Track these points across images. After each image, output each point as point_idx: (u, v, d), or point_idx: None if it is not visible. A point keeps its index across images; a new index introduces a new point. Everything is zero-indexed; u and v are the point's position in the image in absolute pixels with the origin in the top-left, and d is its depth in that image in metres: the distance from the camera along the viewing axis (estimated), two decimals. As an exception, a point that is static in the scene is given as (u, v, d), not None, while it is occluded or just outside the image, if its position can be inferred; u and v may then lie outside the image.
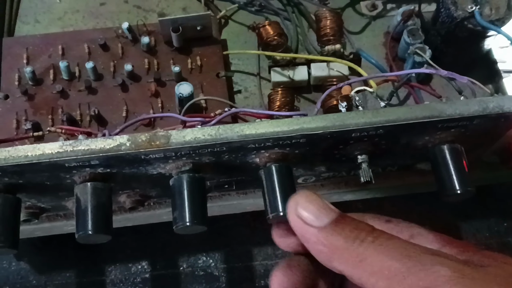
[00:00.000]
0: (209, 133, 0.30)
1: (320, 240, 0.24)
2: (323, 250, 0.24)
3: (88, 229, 0.30)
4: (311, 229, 0.24)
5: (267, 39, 0.45)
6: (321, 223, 0.24)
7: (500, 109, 0.31)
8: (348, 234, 0.23)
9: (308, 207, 0.24)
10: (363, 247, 0.23)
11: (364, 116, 0.30)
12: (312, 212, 0.24)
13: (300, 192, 0.25)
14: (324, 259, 0.24)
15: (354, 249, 0.23)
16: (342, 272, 0.23)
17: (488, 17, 0.40)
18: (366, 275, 0.22)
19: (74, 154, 0.30)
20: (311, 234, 0.24)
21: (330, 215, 0.24)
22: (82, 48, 0.45)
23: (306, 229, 0.24)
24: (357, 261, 0.22)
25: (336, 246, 0.23)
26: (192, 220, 0.31)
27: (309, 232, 0.24)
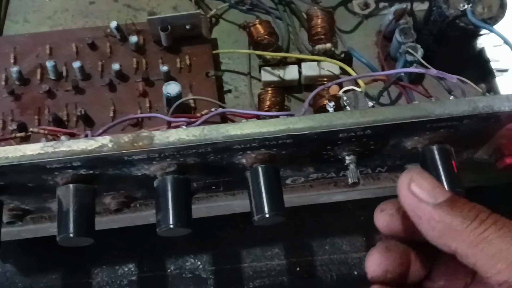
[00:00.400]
0: (194, 133, 0.30)
1: (434, 218, 0.23)
2: (436, 227, 0.23)
3: (69, 231, 0.30)
4: (424, 206, 0.24)
5: (257, 38, 0.45)
6: (435, 200, 0.24)
7: (490, 109, 0.30)
8: (466, 214, 0.23)
9: (422, 184, 0.24)
10: (483, 227, 0.22)
11: (352, 116, 0.30)
12: (426, 189, 0.24)
13: (413, 168, 0.25)
14: (435, 237, 0.24)
15: (474, 229, 0.22)
16: (455, 250, 0.23)
17: (481, 16, 0.40)
18: (484, 256, 0.22)
19: (55, 155, 0.29)
20: (424, 211, 0.24)
21: (444, 194, 0.24)
22: (70, 47, 0.44)
23: (419, 205, 0.24)
24: (477, 241, 0.22)
25: (453, 224, 0.23)
26: (176, 223, 0.30)
27: (421, 209, 0.24)
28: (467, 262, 0.23)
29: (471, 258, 0.23)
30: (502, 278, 0.22)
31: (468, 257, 0.23)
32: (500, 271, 0.22)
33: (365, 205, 0.44)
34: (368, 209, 0.45)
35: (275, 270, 0.42)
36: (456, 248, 0.23)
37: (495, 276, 0.22)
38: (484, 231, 0.22)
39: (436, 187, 0.24)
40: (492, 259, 0.22)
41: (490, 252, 0.22)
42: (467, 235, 0.23)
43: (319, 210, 0.30)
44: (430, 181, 0.24)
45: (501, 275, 0.22)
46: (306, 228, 0.43)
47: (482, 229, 0.22)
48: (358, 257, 0.43)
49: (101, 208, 0.38)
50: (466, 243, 0.23)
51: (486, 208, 0.24)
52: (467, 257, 0.23)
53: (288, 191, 0.40)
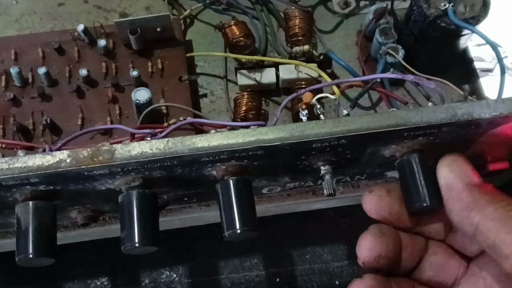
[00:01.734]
0: (158, 146, 0.28)
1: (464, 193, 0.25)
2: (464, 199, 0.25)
3: (29, 252, 0.28)
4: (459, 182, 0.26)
5: (233, 40, 0.43)
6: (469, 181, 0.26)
7: (469, 116, 0.29)
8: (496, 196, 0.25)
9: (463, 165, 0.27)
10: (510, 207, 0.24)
11: (325, 126, 0.28)
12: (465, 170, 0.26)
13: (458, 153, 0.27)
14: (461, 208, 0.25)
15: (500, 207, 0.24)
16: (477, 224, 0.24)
17: (462, 15, 0.38)
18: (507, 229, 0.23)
19: (10, 172, 0.27)
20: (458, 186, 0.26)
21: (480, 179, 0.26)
22: (36, 52, 0.42)
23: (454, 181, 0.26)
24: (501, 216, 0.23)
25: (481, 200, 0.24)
26: (141, 241, 0.28)
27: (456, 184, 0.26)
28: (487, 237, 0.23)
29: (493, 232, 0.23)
30: None
31: (490, 231, 0.23)
32: None
33: (347, 212, 0.43)
34: (349, 216, 0.44)
35: (254, 281, 0.41)
36: (479, 221, 0.24)
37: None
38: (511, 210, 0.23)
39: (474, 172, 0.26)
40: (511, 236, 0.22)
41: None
42: (492, 210, 0.24)
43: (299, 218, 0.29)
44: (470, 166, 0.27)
45: None
46: (286, 237, 0.41)
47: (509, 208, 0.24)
48: (339, 266, 0.41)
49: (69, 222, 0.37)
50: (490, 217, 0.24)
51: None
52: (489, 231, 0.23)
53: (265, 200, 0.38)
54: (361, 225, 0.43)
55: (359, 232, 0.45)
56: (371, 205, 0.28)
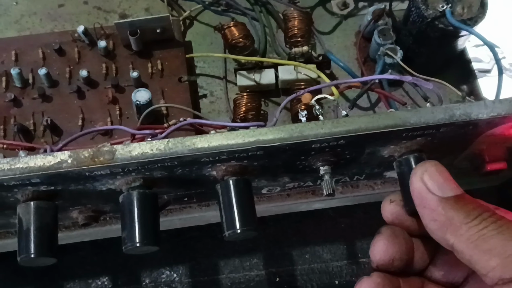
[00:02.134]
0: (158, 147, 0.28)
1: (438, 210, 0.24)
2: (439, 219, 0.24)
3: (30, 252, 0.29)
4: (431, 197, 0.24)
5: (232, 41, 0.43)
6: (443, 194, 0.24)
7: (467, 117, 0.29)
8: (469, 211, 0.24)
9: (435, 176, 0.25)
10: (483, 225, 0.23)
11: (324, 126, 0.29)
12: (437, 181, 0.25)
13: (430, 161, 0.26)
14: (436, 229, 0.24)
15: (474, 226, 0.23)
16: (453, 245, 0.23)
17: (460, 16, 0.38)
18: (479, 252, 0.22)
19: (11, 172, 0.27)
20: (430, 202, 0.24)
21: (454, 190, 0.25)
22: (36, 53, 0.42)
23: (427, 195, 0.25)
24: (474, 237, 0.23)
25: (455, 219, 0.23)
26: (142, 241, 0.29)
27: (429, 199, 0.24)
28: (462, 258, 0.23)
29: (466, 254, 0.23)
30: (495, 275, 0.22)
31: (464, 253, 0.23)
32: (494, 268, 0.22)
33: (346, 212, 0.43)
34: (349, 216, 0.44)
35: (254, 281, 0.41)
36: (453, 243, 0.23)
37: (490, 273, 0.22)
38: (483, 228, 0.23)
39: (447, 182, 0.25)
40: (485, 255, 0.22)
41: (485, 248, 0.22)
42: (465, 231, 0.23)
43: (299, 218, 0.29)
44: (443, 175, 0.25)
45: (494, 272, 0.22)
46: (286, 237, 0.42)
47: (481, 226, 0.23)
48: (339, 266, 0.42)
49: (69, 222, 0.37)
50: (463, 239, 0.23)
51: (491, 208, 0.24)
52: (463, 252, 0.23)
53: (264, 200, 0.38)
54: (360, 225, 0.44)
55: (359, 232, 0.45)
56: (392, 215, 0.28)
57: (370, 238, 0.43)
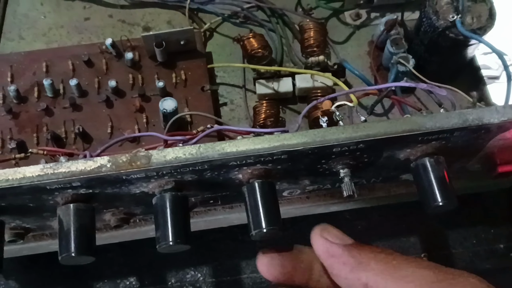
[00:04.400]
0: (190, 152, 0.30)
1: (345, 254, 0.26)
2: (347, 262, 0.26)
3: (71, 251, 0.30)
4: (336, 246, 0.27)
5: (251, 52, 0.45)
6: (344, 242, 0.27)
7: (479, 121, 0.31)
8: (374, 249, 0.26)
9: (332, 231, 0.28)
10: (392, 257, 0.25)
11: (345, 131, 0.31)
12: (336, 234, 0.28)
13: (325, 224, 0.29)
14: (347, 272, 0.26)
15: (382, 258, 0.25)
16: (366, 281, 0.25)
17: (470, 26, 0.40)
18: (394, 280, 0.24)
19: (55, 176, 0.29)
20: (336, 250, 0.26)
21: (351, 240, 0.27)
22: (66, 64, 0.45)
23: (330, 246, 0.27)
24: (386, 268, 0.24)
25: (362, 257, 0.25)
26: (175, 240, 0.31)
27: (333, 249, 0.27)
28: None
29: (381, 284, 0.24)
30: None
31: (378, 284, 0.24)
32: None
33: (362, 214, 0.45)
34: (365, 218, 0.46)
35: (274, 280, 0.43)
36: (367, 278, 0.25)
37: None
38: (393, 259, 0.25)
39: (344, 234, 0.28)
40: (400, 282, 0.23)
41: (398, 276, 0.24)
42: (375, 264, 0.25)
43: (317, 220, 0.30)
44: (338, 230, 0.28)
45: None
46: (304, 238, 0.43)
47: (390, 258, 0.25)
48: (355, 266, 0.43)
49: (101, 224, 0.39)
50: (376, 271, 0.25)
51: None
52: (377, 285, 0.24)
53: (285, 203, 0.40)
54: (376, 227, 0.45)
55: (374, 234, 0.47)
56: (263, 267, 0.29)
57: (386, 240, 0.45)
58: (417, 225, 0.45)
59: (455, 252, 0.45)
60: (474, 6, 0.41)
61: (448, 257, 0.44)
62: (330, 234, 0.28)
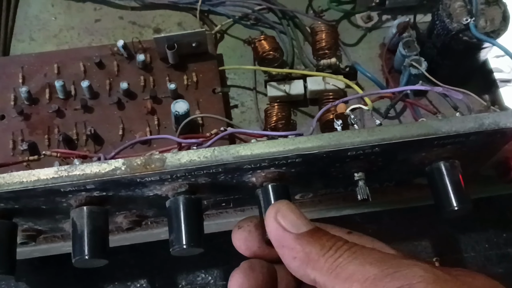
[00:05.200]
0: (205, 155, 0.30)
1: (296, 247, 0.24)
2: (297, 256, 0.24)
3: (84, 254, 0.30)
4: (288, 235, 0.25)
5: (262, 54, 0.45)
6: (298, 230, 0.25)
7: (496, 125, 0.31)
8: (324, 243, 0.24)
9: (288, 215, 0.26)
10: (338, 254, 0.24)
11: (360, 135, 0.30)
12: (291, 219, 0.25)
13: (281, 201, 0.27)
14: (297, 266, 0.25)
15: (330, 256, 0.24)
16: (315, 279, 0.24)
17: (483, 29, 0.40)
18: (340, 281, 0.23)
19: (69, 179, 0.29)
20: (287, 240, 0.25)
21: (307, 225, 0.25)
22: (77, 66, 0.45)
23: (283, 234, 0.25)
24: (332, 267, 0.23)
25: (312, 253, 0.24)
26: (189, 243, 0.30)
27: (285, 238, 0.25)
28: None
29: (328, 285, 0.23)
30: None
31: (326, 285, 0.23)
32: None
33: (373, 218, 0.45)
34: (375, 222, 0.45)
35: (284, 283, 0.43)
36: (316, 277, 0.24)
37: None
38: (339, 257, 0.23)
39: (300, 219, 0.26)
40: (346, 282, 0.23)
41: (344, 276, 0.23)
42: (323, 263, 0.24)
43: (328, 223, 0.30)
44: (295, 212, 0.26)
45: None
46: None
47: (337, 255, 0.24)
48: (366, 269, 0.43)
49: (113, 227, 0.39)
50: (323, 271, 0.24)
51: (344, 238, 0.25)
52: (325, 285, 0.23)
53: (297, 206, 0.40)
54: (387, 231, 0.45)
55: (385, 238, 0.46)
56: (241, 241, 0.28)
57: (397, 244, 0.44)
58: (429, 229, 0.45)
59: (467, 256, 0.44)
60: (487, 9, 0.41)
61: (460, 261, 0.44)
62: (285, 219, 0.25)
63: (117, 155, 0.32)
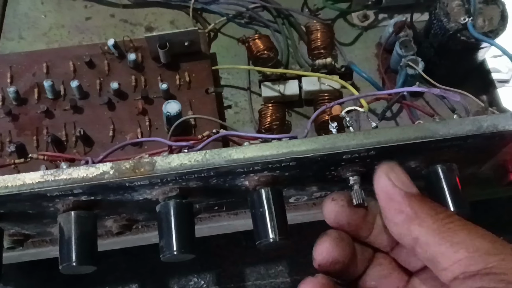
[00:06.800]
0: (196, 158, 0.29)
1: (405, 202, 0.24)
2: (404, 211, 0.24)
3: (72, 260, 0.29)
4: (398, 191, 0.25)
5: (257, 53, 0.44)
6: (408, 189, 0.25)
7: (494, 128, 0.30)
8: (435, 207, 0.24)
9: (400, 174, 0.26)
10: (449, 220, 0.23)
11: (355, 138, 0.30)
12: (402, 179, 0.26)
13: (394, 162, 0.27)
14: (401, 221, 0.24)
15: (441, 219, 0.23)
16: (417, 237, 0.24)
17: (482, 29, 0.39)
18: (447, 243, 0.23)
19: (55, 183, 0.29)
20: (397, 195, 0.25)
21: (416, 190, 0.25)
22: (67, 65, 0.44)
23: (393, 190, 0.25)
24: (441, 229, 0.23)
25: (421, 211, 0.24)
26: (179, 249, 0.30)
27: (395, 193, 0.25)
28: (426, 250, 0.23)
29: (432, 245, 0.23)
30: (459, 268, 0.22)
31: (429, 244, 0.23)
32: (460, 260, 0.22)
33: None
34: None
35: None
36: (419, 235, 0.24)
37: (452, 266, 0.22)
38: (449, 222, 0.23)
39: (411, 182, 0.26)
40: (454, 246, 0.22)
41: (453, 240, 0.22)
42: (432, 222, 0.23)
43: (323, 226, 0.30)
44: (407, 175, 0.26)
45: (459, 265, 0.22)
46: (310, 245, 0.42)
47: (447, 220, 0.23)
48: (362, 273, 0.42)
49: (103, 231, 0.38)
50: (430, 230, 0.23)
51: None
52: (428, 244, 0.23)
53: (291, 209, 0.39)
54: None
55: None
56: (332, 214, 0.28)
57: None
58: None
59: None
60: (485, 9, 0.40)
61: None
62: (397, 176, 0.26)
63: (106, 158, 0.31)
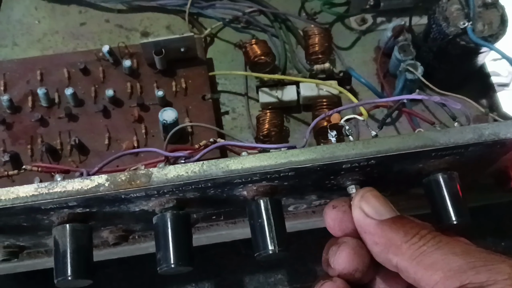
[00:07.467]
0: (193, 169, 0.29)
1: (378, 233, 0.25)
2: (379, 242, 0.25)
3: (67, 274, 0.29)
4: (370, 221, 0.25)
5: (254, 58, 0.44)
6: (380, 217, 0.25)
7: (495, 136, 0.29)
8: (408, 230, 0.24)
9: (371, 201, 0.26)
10: (422, 242, 0.24)
11: (355, 147, 0.29)
12: (374, 206, 0.26)
13: (366, 188, 0.27)
14: (379, 251, 0.25)
15: (414, 243, 0.24)
16: (396, 264, 0.24)
17: (481, 33, 0.39)
18: (422, 268, 0.23)
19: (49, 196, 0.28)
20: (370, 226, 0.25)
21: (390, 213, 0.26)
22: (61, 72, 0.43)
23: (365, 220, 0.26)
24: (415, 254, 0.23)
25: (394, 239, 0.24)
26: (177, 262, 0.29)
27: (367, 224, 0.25)
28: (407, 276, 0.24)
29: (410, 271, 0.23)
30: None
31: (408, 270, 0.24)
32: (437, 281, 0.22)
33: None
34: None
35: (278, 296, 0.42)
36: (397, 263, 0.24)
37: (434, 287, 0.22)
38: (423, 245, 0.24)
39: (383, 206, 0.26)
40: (429, 270, 0.23)
41: (427, 263, 0.23)
42: (406, 249, 0.24)
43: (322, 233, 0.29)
44: (379, 199, 0.27)
45: (438, 286, 0.22)
46: (309, 252, 0.42)
47: (420, 243, 0.24)
48: (362, 280, 0.42)
49: (99, 241, 0.37)
50: (405, 257, 0.24)
51: (430, 225, 0.25)
52: (407, 270, 0.24)
53: (290, 217, 0.39)
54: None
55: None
56: (335, 222, 0.28)
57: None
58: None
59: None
60: (485, 13, 0.39)
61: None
62: (368, 205, 0.26)
63: (101, 169, 0.30)
